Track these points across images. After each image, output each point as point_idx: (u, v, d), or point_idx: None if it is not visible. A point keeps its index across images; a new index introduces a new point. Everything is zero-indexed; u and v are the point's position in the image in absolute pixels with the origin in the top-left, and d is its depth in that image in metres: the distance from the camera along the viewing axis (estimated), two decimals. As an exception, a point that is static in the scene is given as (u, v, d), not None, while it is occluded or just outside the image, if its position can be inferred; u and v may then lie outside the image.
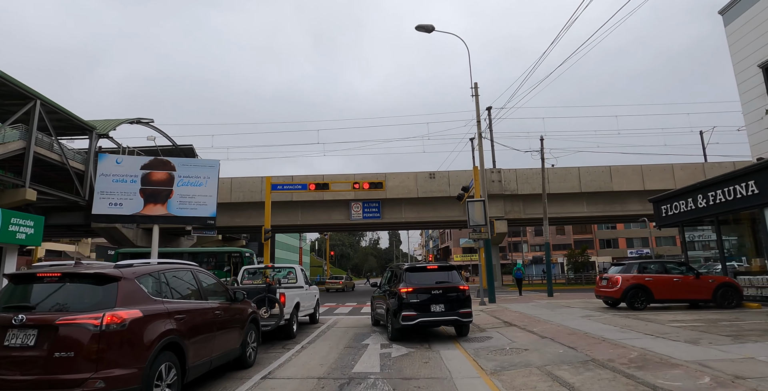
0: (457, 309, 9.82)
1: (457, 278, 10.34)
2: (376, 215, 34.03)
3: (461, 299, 9.94)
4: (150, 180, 23.98)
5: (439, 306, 9.79)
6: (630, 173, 34.36)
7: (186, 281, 6.11)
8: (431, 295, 9.83)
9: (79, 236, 43.79)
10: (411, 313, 9.66)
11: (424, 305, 9.74)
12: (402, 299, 9.77)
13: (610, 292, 14.27)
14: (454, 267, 10.89)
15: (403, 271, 10.35)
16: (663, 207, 19.01)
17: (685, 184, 34.89)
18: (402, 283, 10.06)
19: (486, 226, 17.61)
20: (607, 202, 34.83)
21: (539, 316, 13.16)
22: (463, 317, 9.87)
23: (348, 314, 17.13)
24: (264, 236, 22.61)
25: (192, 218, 24.06)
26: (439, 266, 10.59)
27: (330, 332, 12.16)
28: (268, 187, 23.44)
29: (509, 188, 33.48)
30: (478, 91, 18.83)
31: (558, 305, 16.57)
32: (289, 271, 13.51)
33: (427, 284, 9.95)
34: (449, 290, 9.94)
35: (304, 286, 12.92)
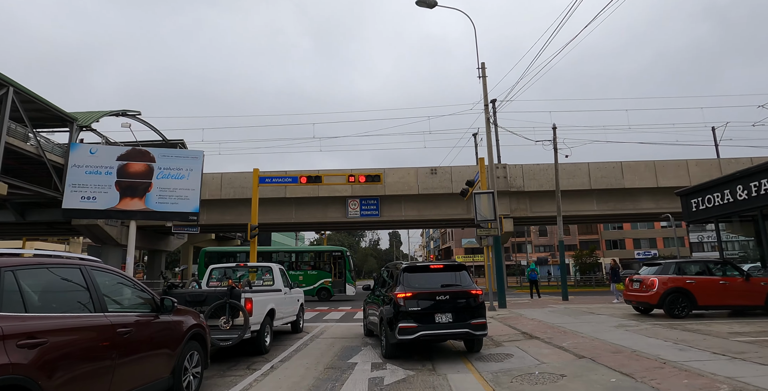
0: (468, 319, 7.78)
1: (467, 281, 8.25)
2: (375, 213, 31.84)
3: (473, 306, 7.91)
4: (127, 172, 21.84)
5: (446, 316, 7.73)
6: (642, 169, 32.17)
7: (65, 285, 4.10)
8: (435, 301, 7.79)
9: (60, 234, 41.61)
10: (410, 325, 7.61)
11: (427, 315, 7.70)
12: (399, 307, 7.73)
13: (644, 296, 12.09)
14: (464, 267, 8.71)
15: (401, 271, 8.25)
16: (693, 201, 16.83)
17: (701, 180, 32.73)
18: (399, 286, 7.98)
19: (495, 221, 15.46)
20: (618, 199, 32.63)
21: (563, 325, 10.99)
22: (476, 329, 7.79)
23: (339, 320, 14.95)
24: (250, 233, 20.45)
25: (172, 214, 21.93)
26: (446, 266, 8.46)
27: (312, 344, 10.00)
28: (256, 180, 21.29)
29: (515, 185, 31.31)
30: (485, 71, 16.70)
31: (578, 310, 14.39)
32: (265, 271, 11.16)
33: (430, 288, 7.91)
34: (458, 295, 7.88)
35: (283, 289, 10.65)
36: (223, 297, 8.08)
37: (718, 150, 40.29)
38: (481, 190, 15.81)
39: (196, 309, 7.29)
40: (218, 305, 7.98)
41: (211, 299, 8.12)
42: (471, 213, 32.90)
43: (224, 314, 7.99)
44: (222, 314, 8.01)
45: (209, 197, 31.26)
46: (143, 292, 5.16)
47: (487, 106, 16.57)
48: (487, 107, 16.57)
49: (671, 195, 32.78)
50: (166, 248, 38.24)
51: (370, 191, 31.17)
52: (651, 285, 11.88)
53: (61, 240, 57.86)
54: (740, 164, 31.85)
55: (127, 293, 4.98)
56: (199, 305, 8.07)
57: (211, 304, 8.00)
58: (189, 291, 8.49)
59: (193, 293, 8.35)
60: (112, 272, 4.83)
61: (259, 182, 21.39)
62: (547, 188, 31.46)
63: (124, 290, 4.96)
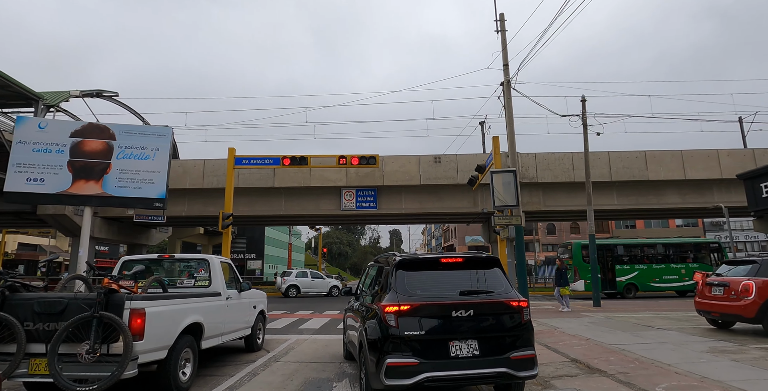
0: (506, 351, 4.56)
1: (504, 285, 4.94)
2: (372, 205, 28.40)
3: (514, 328, 4.68)
4: (82, 151, 18.43)
5: (468, 345, 4.52)
6: (668, 159, 28.66)
7: None
8: (451, 320, 4.56)
9: (30, 225, 38.23)
10: (407, 361, 4.39)
11: (437, 343, 4.49)
12: (388, 329, 4.52)
13: (732, 307, 8.63)
14: (497, 261, 5.26)
15: (393, 268, 4.96)
16: (763, 185, 13.36)
17: (733, 173, 29.08)
18: (390, 293, 4.75)
19: (517, 207, 12.03)
20: (641, 192, 29.11)
21: (626, 347, 7.55)
22: (519, 367, 4.52)
23: (318, 330, 11.51)
24: (222, 224, 17.06)
25: (134, 199, 18.51)
26: (467, 260, 5.07)
27: (262, 376, 6.58)
28: (231, 161, 17.93)
29: (527, 175, 27.81)
30: (504, 24, 13.28)
31: (627, 322, 10.94)
32: (199, 266, 7.57)
33: (442, 297, 4.68)
34: (489, 308, 4.66)
35: (224, 292, 7.22)
36: (90, 308, 4.76)
37: (746, 141, 36.74)
38: (500, 169, 12.37)
39: (49, 328, 4.74)
40: (81, 320, 4.70)
41: (74, 309, 4.82)
42: (478, 206, 29.41)
43: (88, 337, 4.67)
44: (87, 336, 4.69)
45: (190, 186, 27.88)
46: None
47: (507, 67, 13.13)
48: (507, 67, 13.13)
49: (700, 188, 29.28)
50: (147, 242, 34.82)
51: (366, 181, 27.75)
52: (745, 292, 8.41)
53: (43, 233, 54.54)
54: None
55: None
56: (56, 319, 4.84)
57: (71, 319, 4.72)
58: (40, 296, 5.02)
59: (46, 299, 4.93)
60: None
61: (236, 164, 18.04)
62: (564, 179, 27.97)
63: None
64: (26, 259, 52.40)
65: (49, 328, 4.79)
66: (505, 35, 13.16)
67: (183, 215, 28.85)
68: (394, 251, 6.23)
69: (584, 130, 15.95)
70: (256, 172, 27.66)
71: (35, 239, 57.36)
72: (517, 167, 12.43)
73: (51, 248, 56.88)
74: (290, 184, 27.66)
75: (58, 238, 58.72)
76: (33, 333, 4.79)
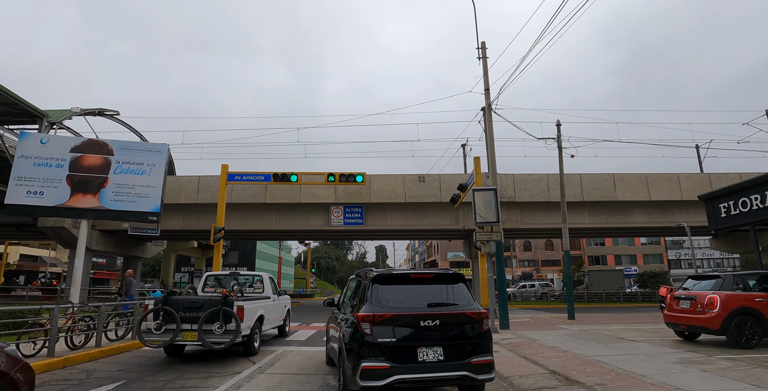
0: (467, 357, 4.88)
1: (466, 298, 5.27)
2: (359, 221, 28.15)
3: (476, 337, 5.01)
4: (81, 165, 18.01)
5: (434, 351, 4.84)
6: (635, 182, 29.02)
7: None
8: (419, 329, 4.89)
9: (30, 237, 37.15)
10: (379, 364, 4.71)
11: (406, 349, 4.82)
12: (363, 337, 4.83)
13: (698, 319, 8.51)
14: (462, 277, 5.53)
15: (370, 282, 5.27)
16: (722, 205, 13.44)
17: (692, 195, 29.56)
18: (366, 304, 5.06)
19: (498, 223, 11.91)
20: (610, 212, 29.35)
21: (602, 359, 7.36)
22: (479, 371, 4.86)
23: (305, 342, 11.11)
24: (213, 237, 16.64)
25: (129, 213, 18.03)
26: (436, 276, 5.39)
27: (248, 387, 6.23)
28: (224, 178, 17.61)
29: (506, 195, 27.88)
30: (486, 52, 13.39)
31: (600, 334, 10.76)
32: (256, 279, 11.24)
33: (411, 308, 5.01)
34: (453, 319, 5.00)
35: (272, 296, 10.51)
36: (218, 304, 7.89)
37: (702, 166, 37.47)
38: (481, 187, 12.29)
39: (190, 315, 7.88)
40: (213, 311, 7.83)
41: (207, 306, 7.93)
42: (459, 223, 29.33)
43: (218, 320, 7.82)
44: (216, 319, 7.83)
45: (185, 200, 27.39)
46: None
47: (488, 91, 13.18)
48: (488, 92, 13.18)
49: (663, 209, 29.63)
50: (142, 254, 33.95)
51: (354, 198, 27.54)
52: (710, 305, 8.32)
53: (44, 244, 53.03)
54: (730, 179, 28.88)
55: None
56: (196, 311, 7.92)
57: (207, 310, 7.83)
58: (186, 298, 8.17)
59: (190, 300, 8.07)
60: None
61: (229, 179, 17.73)
62: (540, 199, 28.11)
63: None
64: (27, 269, 50.80)
65: (192, 315, 7.84)
66: (486, 62, 13.25)
67: (177, 228, 28.27)
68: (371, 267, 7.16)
69: (559, 153, 16.03)
70: (249, 189, 27.30)
71: (36, 251, 55.77)
72: (497, 186, 12.34)
73: (51, 259, 55.25)
74: (281, 200, 27.34)
75: (58, 250, 57.11)
76: (184, 318, 7.83)
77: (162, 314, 7.79)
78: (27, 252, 54.84)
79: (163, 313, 7.79)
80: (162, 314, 7.79)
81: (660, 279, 32.94)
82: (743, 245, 33.67)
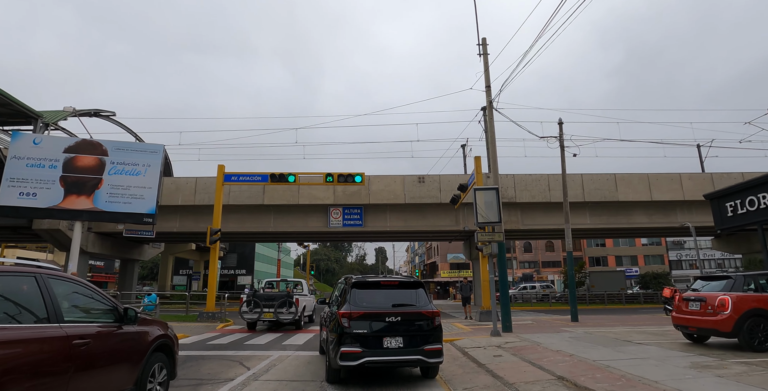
0: (421, 345, 6.36)
1: (424, 300, 6.77)
2: (358, 223, 27.84)
3: (428, 330, 6.51)
4: (74, 166, 17.72)
5: (396, 340, 6.31)
6: (636, 182, 28.76)
7: (20, 295, 3.57)
8: (385, 323, 6.35)
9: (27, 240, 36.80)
10: (354, 349, 6.13)
11: (374, 338, 6.25)
12: (343, 328, 6.25)
13: (708, 321, 8.22)
14: (422, 284, 7.11)
15: (349, 287, 6.77)
16: (728, 204, 13.15)
17: (694, 195, 29.31)
18: (345, 304, 6.51)
19: (500, 224, 11.62)
20: (612, 213, 29.08)
21: (611, 364, 7.05)
22: (430, 356, 6.36)
23: (302, 346, 10.79)
24: (210, 239, 16.33)
25: (124, 214, 17.74)
26: (401, 282, 7.02)
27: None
28: (220, 178, 17.31)
29: (506, 196, 27.59)
30: (486, 48, 13.13)
31: (606, 337, 10.46)
32: (297, 284, 18.03)
33: (380, 308, 6.48)
34: (411, 316, 6.47)
35: (308, 295, 16.73)
36: (285, 297, 14.06)
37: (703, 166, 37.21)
38: (482, 187, 12.00)
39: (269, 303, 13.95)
40: (283, 301, 13.95)
41: (278, 298, 14.07)
42: (460, 224, 29.02)
43: (286, 306, 13.95)
44: (284, 306, 13.95)
45: (182, 202, 27.08)
46: (105, 301, 4.60)
47: (489, 89, 12.91)
48: (489, 89, 12.90)
49: (665, 209, 29.36)
50: (139, 257, 33.62)
51: (353, 199, 27.25)
52: (721, 306, 8.03)
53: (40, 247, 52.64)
54: (732, 179, 28.63)
55: (87, 302, 4.43)
56: (272, 300, 14.01)
57: (279, 300, 13.93)
58: (265, 293, 14.46)
59: (267, 294, 14.33)
60: (71, 280, 4.31)
61: (225, 180, 17.41)
62: (540, 200, 27.85)
63: (84, 299, 4.41)
64: (21, 273, 50.33)
65: (268, 303, 13.87)
66: (487, 59, 12.98)
67: (174, 230, 27.94)
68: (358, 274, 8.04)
69: (561, 152, 15.74)
70: (246, 190, 27.00)
71: (34, 254, 55.37)
72: (498, 185, 12.05)
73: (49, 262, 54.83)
74: (279, 201, 27.04)
75: (56, 253, 56.75)
76: (264, 305, 13.83)
77: (252, 302, 14.00)
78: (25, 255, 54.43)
79: (253, 302, 13.99)
80: (252, 302, 14.00)
81: (662, 280, 32.64)
82: (745, 245, 33.39)
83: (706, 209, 29.44)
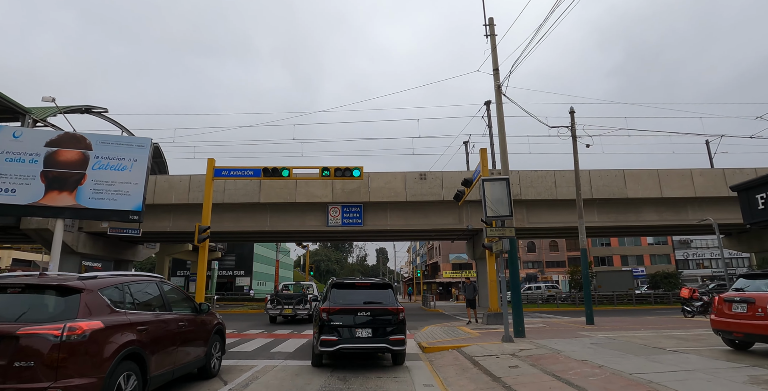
0: (387, 335, 7.45)
1: (390, 299, 7.87)
2: (357, 221, 26.70)
3: (393, 323, 7.56)
4: (56, 160, 16.61)
5: (366, 331, 7.44)
6: (646, 178, 27.59)
7: (150, 293, 5.67)
8: (357, 317, 7.49)
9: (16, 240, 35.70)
10: (331, 337, 7.31)
11: (349, 329, 7.42)
12: (323, 321, 7.45)
13: (761, 326, 7.05)
14: (390, 285, 8.27)
15: (330, 287, 8.09)
16: (759, 196, 11.97)
17: (705, 192, 28.09)
18: (326, 301, 7.78)
19: (511, 218, 10.48)
20: (620, 210, 27.91)
21: (651, 378, 5.87)
22: (394, 344, 7.44)
23: (292, 354, 9.62)
24: (198, 237, 15.21)
25: (109, 211, 16.62)
26: (372, 284, 8.14)
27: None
28: (210, 173, 16.21)
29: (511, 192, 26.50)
30: (494, 29, 12.00)
31: (633, 343, 9.29)
32: (308, 286, 21.02)
33: (353, 304, 7.60)
34: (379, 312, 7.57)
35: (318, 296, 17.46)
36: (301, 296, 17.60)
37: (712, 162, 36.01)
38: (491, 177, 10.86)
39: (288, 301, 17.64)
40: (299, 299, 17.39)
41: (295, 297, 17.70)
42: (463, 223, 27.84)
43: (302, 304, 17.23)
44: (300, 303, 17.20)
45: (176, 201, 25.98)
46: (188, 298, 6.73)
47: (497, 71, 11.77)
48: (497, 72, 11.77)
49: (675, 206, 28.16)
50: (133, 258, 32.52)
51: (352, 197, 26.12)
52: (777, 309, 6.86)
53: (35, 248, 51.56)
54: (745, 174, 27.48)
55: (179, 298, 6.43)
56: (290, 299, 17.71)
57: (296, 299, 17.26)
58: (285, 293, 18.57)
59: (287, 294, 18.22)
60: (171, 285, 6.49)
61: (216, 175, 16.29)
62: (546, 197, 26.70)
63: (177, 296, 6.43)
64: (17, 275, 49.30)
65: (287, 301, 17.59)
66: (494, 40, 11.85)
67: (168, 230, 26.82)
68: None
69: (574, 142, 14.57)
70: (242, 188, 25.90)
71: (29, 255, 54.32)
72: (509, 175, 10.90)
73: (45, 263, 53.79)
74: (276, 199, 25.92)
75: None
76: (284, 302, 17.57)
77: (275, 301, 17.57)
78: (20, 256, 53.39)
79: (275, 300, 17.56)
80: (275, 301, 17.57)
81: (673, 280, 31.42)
82: (757, 243, 32.16)
83: (718, 206, 28.26)
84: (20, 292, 4.29)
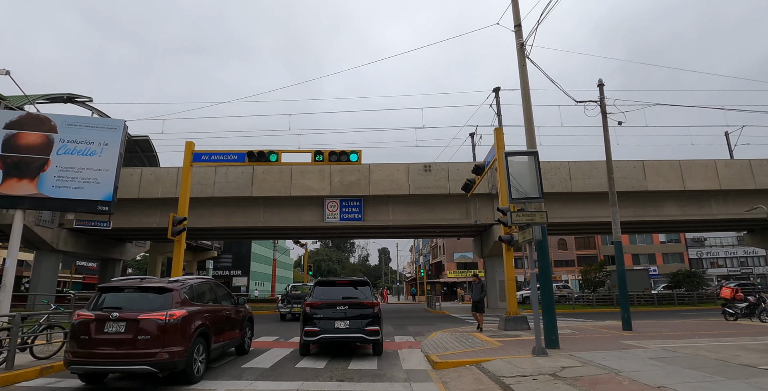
0: (362, 327, 8.36)
1: (366, 294, 8.84)
2: (357, 217, 24.63)
3: (368, 315, 8.47)
4: (16, 144, 14.61)
5: (344, 323, 8.41)
6: (667, 170, 25.45)
7: (207, 290, 7.73)
8: (336, 310, 8.50)
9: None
10: (314, 328, 8.34)
11: (329, 321, 8.41)
12: (306, 314, 8.52)
13: None
14: (368, 283, 9.21)
15: (314, 284, 9.16)
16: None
17: (731, 184, 25.73)
18: (310, 297, 8.85)
19: (541, 201, 8.44)
20: (639, 204, 25.77)
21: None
22: (369, 334, 8.33)
23: (267, 371, 7.50)
24: (172, 230, 13.16)
25: (74, 201, 14.60)
26: (351, 282, 9.20)
27: None
28: (188, 158, 14.19)
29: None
30: (516, -21, 9.93)
31: (703, 357, 7.19)
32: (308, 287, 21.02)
33: (333, 299, 8.66)
34: (356, 306, 8.55)
35: None
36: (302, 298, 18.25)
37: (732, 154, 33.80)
38: (515, 151, 8.79)
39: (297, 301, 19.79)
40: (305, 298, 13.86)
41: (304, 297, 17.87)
42: (471, 218, 25.67)
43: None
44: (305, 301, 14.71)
45: (163, 195, 23.99)
46: (229, 293, 8.80)
47: (519, 27, 9.73)
48: (519, 28, 9.72)
49: (698, 200, 25.98)
50: (121, 256, 30.52)
51: (351, 190, 24.09)
52: None
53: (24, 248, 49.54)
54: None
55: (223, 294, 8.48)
56: (298, 299, 19.76)
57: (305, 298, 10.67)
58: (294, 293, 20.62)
59: (296, 294, 20.38)
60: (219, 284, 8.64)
61: (194, 160, 14.28)
62: (560, 190, 24.61)
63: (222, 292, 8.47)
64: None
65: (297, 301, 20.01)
66: (515, -9, 9.79)
67: (155, 226, 24.75)
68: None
69: (603, 119, 12.46)
70: (233, 181, 23.89)
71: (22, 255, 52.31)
72: (536, 149, 8.84)
73: (35, 264, 51.85)
74: (269, 193, 23.88)
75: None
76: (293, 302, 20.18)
77: (286, 300, 19.97)
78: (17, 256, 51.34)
79: (286, 300, 19.95)
80: (286, 300, 19.97)
81: (697, 279, 29.21)
82: None
83: (744, 199, 26.05)
84: (133, 291, 6.51)
